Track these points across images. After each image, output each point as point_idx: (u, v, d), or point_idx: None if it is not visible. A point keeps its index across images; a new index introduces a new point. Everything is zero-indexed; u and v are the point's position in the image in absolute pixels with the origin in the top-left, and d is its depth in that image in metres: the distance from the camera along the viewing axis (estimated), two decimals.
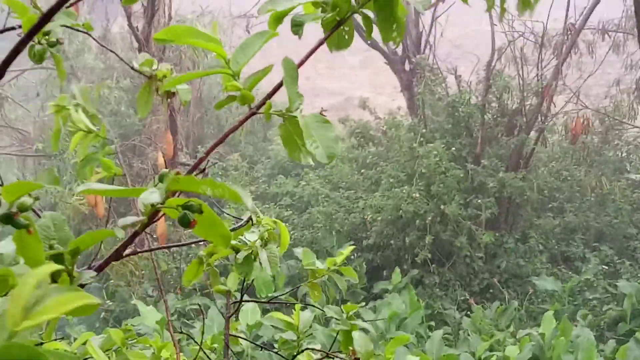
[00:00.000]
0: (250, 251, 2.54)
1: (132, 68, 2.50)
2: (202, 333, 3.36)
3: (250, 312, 12.42)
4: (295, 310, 3.28)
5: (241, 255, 2.53)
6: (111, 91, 24.42)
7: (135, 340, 3.07)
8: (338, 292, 14.82)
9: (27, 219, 1.47)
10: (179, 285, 16.82)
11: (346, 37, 1.82)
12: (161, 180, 1.55)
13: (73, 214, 20.31)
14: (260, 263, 2.53)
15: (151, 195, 1.50)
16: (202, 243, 2.50)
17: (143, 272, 17.42)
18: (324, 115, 1.69)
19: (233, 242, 2.52)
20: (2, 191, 1.45)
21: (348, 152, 21.17)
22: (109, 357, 2.72)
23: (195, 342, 3.38)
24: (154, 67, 2.52)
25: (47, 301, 1.07)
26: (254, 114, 1.71)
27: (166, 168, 2.44)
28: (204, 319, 3.63)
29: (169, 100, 2.48)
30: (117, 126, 24.48)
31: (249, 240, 2.52)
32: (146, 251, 2.52)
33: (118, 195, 1.60)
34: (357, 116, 22.38)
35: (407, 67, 22.86)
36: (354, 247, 3.24)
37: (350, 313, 2.85)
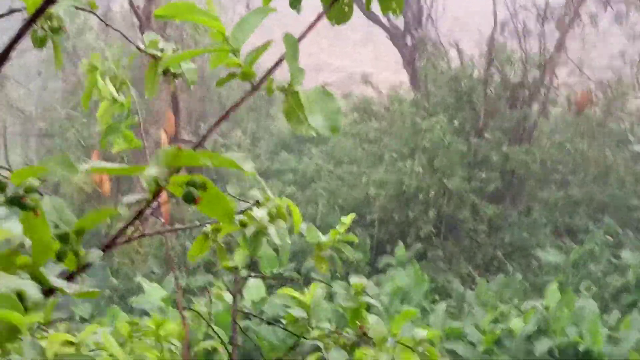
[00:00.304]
0: (258, 227, 2.53)
1: (138, 48, 2.49)
2: (209, 313, 3.37)
3: (254, 288, 12.46)
4: (307, 287, 3.27)
5: (249, 231, 2.51)
6: None
7: (141, 333, 3.09)
8: (343, 266, 14.75)
9: (34, 201, 1.48)
10: (183, 262, 16.86)
11: (346, 9, 1.82)
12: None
13: (76, 193, 20.34)
14: (267, 239, 2.52)
15: (152, 170, 1.50)
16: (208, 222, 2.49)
17: (147, 249, 17.46)
18: (327, 89, 1.68)
19: (241, 217, 2.50)
20: (11, 175, 1.47)
21: (351, 128, 21.12)
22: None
23: (203, 317, 3.40)
24: (160, 46, 2.51)
25: None
26: (255, 89, 1.71)
27: (169, 146, 2.45)
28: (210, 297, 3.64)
29: (174, 79, 2.47)
30: None
31: (257, 217, 2.50)
32: (155, 233, 2.51)
33: (122, 173, 1.60)
34: (359, 92, 22.36)
35: (409, 42, 22.79)
36: (353, 214, 3.21)
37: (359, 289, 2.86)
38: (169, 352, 3.38)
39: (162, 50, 2.46)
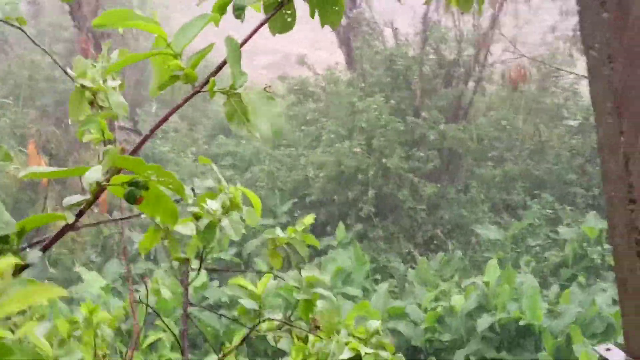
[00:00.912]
0: (212, 219, 2.50)
1: (69, 76, 2.39)
2: (146, 303, 3.30)
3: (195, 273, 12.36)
4: (247, 271, 3.24)
5: (202, 224, 2.49)
6: (44, 57, 23.94)
7: (80, 331, 3.01)
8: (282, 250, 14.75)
9: None
10: (122, 249, 16.68)
11: (289, 20, 1.80)
12: (106, 157, 1.53)
13: (12, 182, 19.98)
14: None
15: (94, 173, 1.47)
16: None
17: (86, 238, 17.24)
18: (269, 92, 1.67)
19: (195, 209, 2.48)
20: None
21: (288, 110, 21.05)
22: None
23: (154, 310, 3.32)
24: (90, 73, 2.40)
25: (11, 294, 1.05)
26: (197, 92, 1.68)
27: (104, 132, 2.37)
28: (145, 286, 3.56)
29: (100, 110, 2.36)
30: (52, 92, 24.06)
31: (211, 209, 2.49)
32: (95, 224, 2.49)
33: (63, 176, 1.57)
34: (295, 73, 22.27)
35: (343, 22, 22.69)
36: (313, 216, 3.21)
37: (311, 282, 2.81)
38: (102, 339, 3.32)
39: (92, 80, 2.36)
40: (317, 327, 2.74)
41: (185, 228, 2.65)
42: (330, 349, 2.48)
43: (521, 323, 11.69)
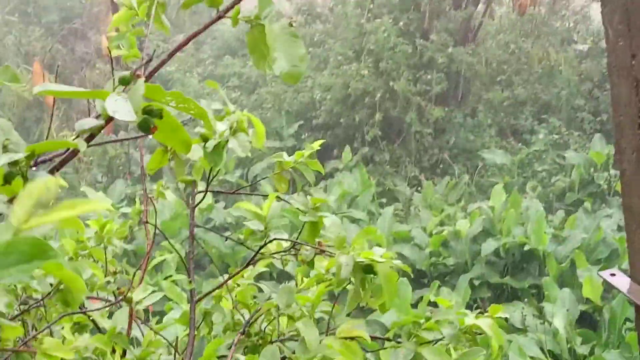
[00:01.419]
0: (219, 140, 2.47)
1: None
2: (150, 222, 3.27)
3: (200, 195, 12.37)
4: (254, 193, 3.21)
5: (210, 144, 2.46)
6: None
7: (87, 251, 3.00)
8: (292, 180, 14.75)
9: None
10: (127, 170, 16.69)
11: None
12: (122, 82, 1.48)
13: (17, 100, 19.94)
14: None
15: (122, 111, 1.41)
16: None
17: (91, 158, 17.25)
18: (293, 26, 1.61)
19: (202, 131, 2.46)
20: None
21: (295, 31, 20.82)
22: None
23: (161, 231, 3.31)
24: None
25: (57, 204, 1.07)
26: (221, 17, 1.62)
27: (108, 52, 2.33)
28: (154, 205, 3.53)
29: None
30: (57, 9, 23.85)
31: (219, 130, 2.46)
32: (98, 144, 2.46)
33: (80, 97, 1.53)
34: None
35: None
36: (321, 141, 3.18)
37: (318, 204, 2.78)
38: (112, 253, 3.32)
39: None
40: (323, 251, 2.72)
41: (193, 151, 2.63)
42: (342, 261, 2.45)
43: (526, 248, 11.71)
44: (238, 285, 3.09)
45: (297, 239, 2.85)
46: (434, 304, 10.06)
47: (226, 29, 23.76)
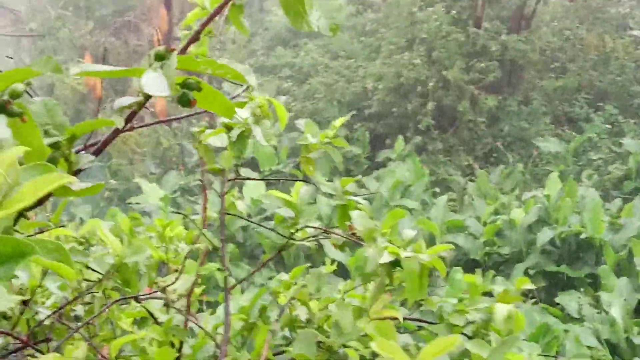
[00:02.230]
0: (243, 128, 2.45)
1: None
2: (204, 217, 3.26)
3: (254, 186, 12.40)
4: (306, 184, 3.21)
5: (234, 133, 2.45)
6: None
7: (142, 227, 3.00)
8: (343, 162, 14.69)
9: (20, 106, 1.42)
10: (181, 161, 16.80)
11: None
12: (157, 58, 1.48)
13: (71, 94, 20.17)
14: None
15: (156, 86, 1.41)
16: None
17: (145, 149, 17.39)
18: None
19: (226, 120, 2.43)
20: None
21: (346, 20, 20.80)
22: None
23: (193, 222, 3.29)
24: None
25: (21, 187, 1.02)
26: None
27: (161, 44, 2.31)
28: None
29: None
30: (110, 3, 24.05)
31: (241, 118, 2.44)
32: (144, 126, 2.46)
33: (116, 76, 1.54)
34: None
35: None
36: (345, 118, 3.12)
37: (346, 187, 2.75)
38: (175, 253, 3.33)
39: None
40: (354, 234, 2.69)
41: (217, 139, 2.61)
42: (368, 255, 2.42)
43: (582, 236, 11.56)
44: (295, 283, 3.07)
45: (328, 225, 2.82)
46: (489, 294, 10.00)
47: (278, 20, 23.79)
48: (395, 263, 2.40)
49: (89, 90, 19.97)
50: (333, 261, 3.25)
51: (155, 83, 1.37)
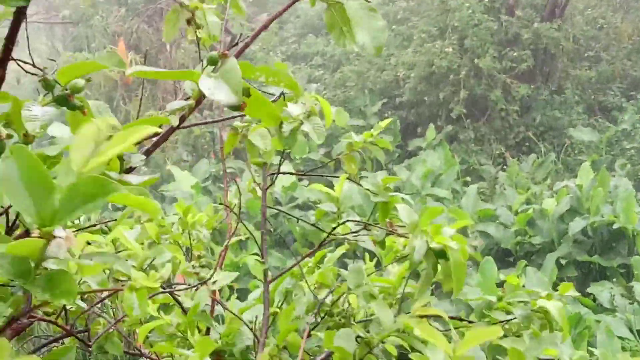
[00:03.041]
0: (295, 123, 2.47)
1: None
2: (238, 205, 3.28)
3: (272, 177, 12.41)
4: (338, 172, 3.23)
5: (287, 128, 2.47)
6: None
7: (169, 235, 3.04)
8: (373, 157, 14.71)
9: (81, 100, 1.51)
10: (212, 149, 16.85)
11: None
12: (210, 62, 1.52)
13: (104, 81, 20.27)
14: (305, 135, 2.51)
15: (223, 95, 1.43)
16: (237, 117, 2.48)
17: (177, 137, 17.46)
18: (369, 2, 1.62)
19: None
20: (58, 73, 1.49)
21: (378, 8, 20.73)
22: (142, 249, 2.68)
23: (233, 212, 3.33)
24: None
25: (111, 140, 1.08)
26: None
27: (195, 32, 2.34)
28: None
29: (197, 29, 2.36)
30: None
31: (293, 114, 2.46)
32: (188, 126, 2.52)
33: (169, 79, 1.57)
34: None
35: None
36: (389, 120, 3.15)
37: (389, 185, 2.76)
38: (197, 240, 3.37)
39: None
40: (395, 232, 2.70)
41: (259, 136, 2.65)
42: (415, 244, 2.43)
43: (615, 226, 11.48)
44: (319, 267, 3.10)
45: (369, 220, 2.84)
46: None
47: (309, 7, 23.76)
48: (440, 255, 2.42)
49: (120, 77, 20.06)
50: (373, 256, 3.27)
51: (218, 89, 1.40)
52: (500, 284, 9.63)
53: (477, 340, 1.69)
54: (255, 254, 10.43)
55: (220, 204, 3.31)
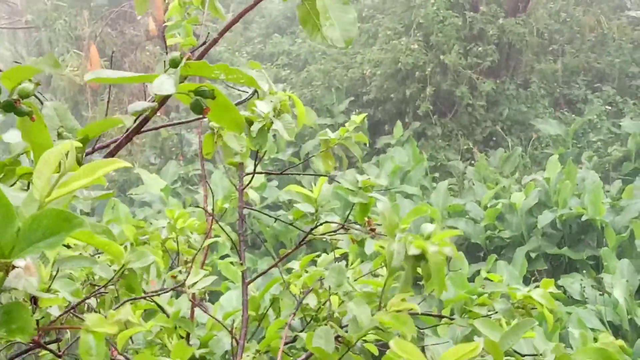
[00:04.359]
0: (264, 122, 2.46)
1: None
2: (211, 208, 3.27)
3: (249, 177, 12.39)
4: (306, 171, 3.22)
5: (255, 127, 2.46)
6: None
7: (146, 236, 3.01)
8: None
9: (29, 105, 1.47)
10: (180, 151, 16.78)
11: None
12: (172, 64, 1.51)
13: (68, 85, 20.13)
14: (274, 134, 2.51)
15: (163, 85, 1.44)
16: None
17: (144, 140, 17.37)
18: None
19: (246, 114, 2.44)
20: (1, 77, 1.45)
21: None
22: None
23: (210, 214, 3.31)
24: None
25: (77, 171, 1.06)
26: None
27: (158, 34, 2.31)
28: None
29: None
30: None
31: (262, 112, 2.45)
32: (154, 129, 2.51)
33: (130, 82, 1.56)
34: None
35: None
36: (364, 115, 3.15)
37: (367, 185, 2.76)
38: (187, 243, 3.35)
39: None
40: (373, 230, 2.69)
41: (233, 136, 2.64)
42: (393, 249, 2.41)
43: (583, 219, 11.56)
44: (307, 271, 3.09)
45: (348, 217, 2.84)
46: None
47: (274, 7, 23.75)
48: (419, 257, 2.41)
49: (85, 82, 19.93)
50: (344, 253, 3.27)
51: (164, 84, 1.39)
52: (471, 279, 9.67)
53: (456, 358, 1.69)
54: (227, 255, 10.41)
55: (195, 206, 3.30)
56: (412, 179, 14.14)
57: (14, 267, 0.96)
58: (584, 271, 10.97)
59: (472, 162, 16.06)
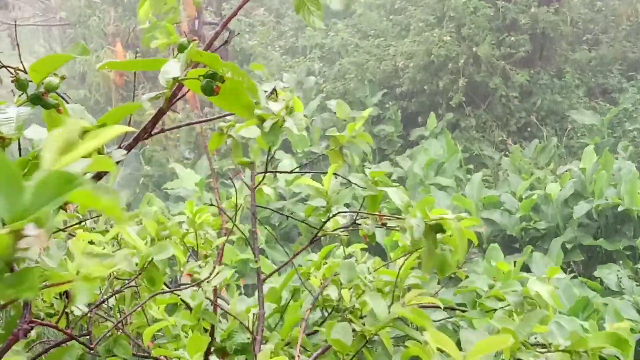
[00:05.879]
0: (276, 120, 2.45)
1: None
2: (236, 204, 3.27)
3: (287, 167, 12.41)
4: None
5: (268, 124, 2.46)
6: None
7: (168, 232, 3.02)
8: (375, 141, 14.81)
9: (55, 98, 1.50)
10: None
11: None
12: (180, 50, 1.51)
13: (102, 81, 20.27)
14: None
15: (170, 69, 1.46)
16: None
17: (178, 135, 17.45)
18: None
19: (258, 112, 2.45)
20: (29, 69, 1.47)
21: (374, 0, 20.73)
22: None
23: (223, 212, 3.32)
24: None
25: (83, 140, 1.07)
26: None
27: (189, 29, 2.33)
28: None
29: None
30: None
31: (274, 110, 2.45)
32: (184, 125, 2.54)
33: (139, 69, 1.57)
34: None
35: None
36: (371, 109, 3.14)
37: (376, 179, 2.75)
38: (204, 239, 3.36)
39: None
40: (384, 224, 2.69)
41: (250, 131, 2.64)
42: (412, 223, 2.42)
43: (619, 209, 11.46)
44: (326, 263, 3.09)
45: (359, 210, 2.84)
46: (528, 269, 9.95)
47: None
48: (438, 230, 2.42)
49: (119, 78, 20.07)
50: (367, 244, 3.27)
51: (169, 68, 1.40)
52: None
53: (487, 349, 1.68)
54: (262, 250, 10.44)
55: (212, 205, 3.30)
56: (447, 171, 14.09)
57: (24, 235, 0.98)
58: (621, 262, 10.88)
59: (507, 153, 15.98)
